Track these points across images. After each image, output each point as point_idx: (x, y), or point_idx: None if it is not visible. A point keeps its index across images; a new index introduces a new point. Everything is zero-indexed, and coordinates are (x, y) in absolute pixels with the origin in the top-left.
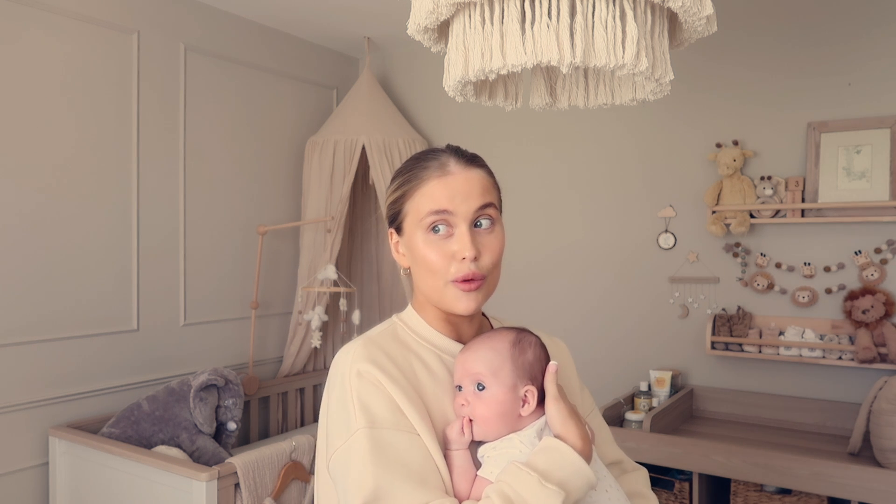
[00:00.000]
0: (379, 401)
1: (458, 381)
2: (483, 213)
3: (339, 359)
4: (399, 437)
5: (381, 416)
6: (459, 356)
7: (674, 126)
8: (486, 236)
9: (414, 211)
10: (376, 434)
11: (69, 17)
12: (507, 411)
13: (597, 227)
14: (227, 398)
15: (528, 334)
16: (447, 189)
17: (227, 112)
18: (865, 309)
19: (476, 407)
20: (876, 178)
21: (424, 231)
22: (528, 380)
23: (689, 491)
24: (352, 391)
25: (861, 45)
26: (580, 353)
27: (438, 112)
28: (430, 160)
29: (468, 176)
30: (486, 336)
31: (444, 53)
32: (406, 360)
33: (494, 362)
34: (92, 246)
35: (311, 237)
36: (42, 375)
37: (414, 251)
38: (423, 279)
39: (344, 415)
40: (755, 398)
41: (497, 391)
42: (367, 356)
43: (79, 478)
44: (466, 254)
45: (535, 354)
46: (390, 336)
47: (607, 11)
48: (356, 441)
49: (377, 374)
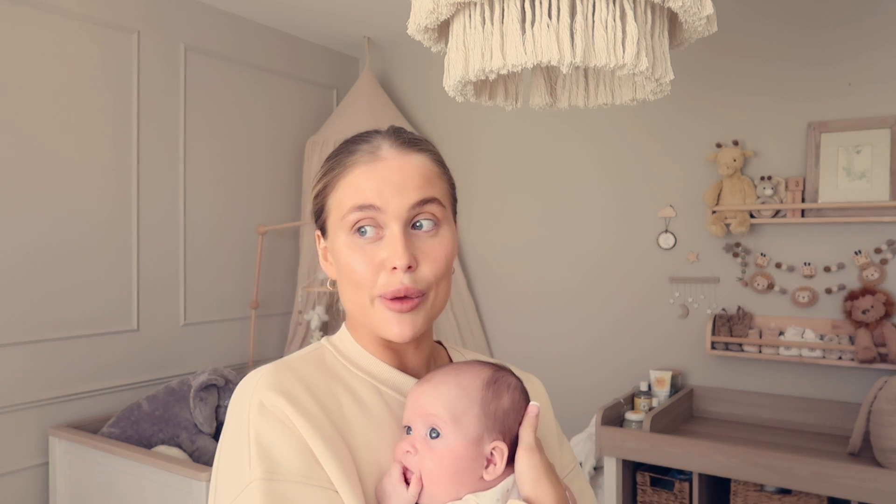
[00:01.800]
0: (284, 443)
1: (408, 420)
2: (422, 210)
3: (242, 387)
4: (308, 493)
5: (286, 463)
6: (414, 389)
7: (674, 126)
8: (426, 241)
9: (336, 206)
10: (276, 489)
11: (69, 17)
12: (463, 470)
13: (597, 227)
14: (227, 398)
15: (507, 374)
16: (375, 178)
17: (227, 112)
18: (865, 309)
19: (424, 459)
20: (876, 178)
21: (348, 232)
22: (497, 433)
23: (689, 491)
24: (249, 429)
25: (861, 45)
26: (580, 354)
27: (438, 112)
28: (360, 143)
29: (404, 163)
30: (453, 368)
31: (444, 53)
32: (330, 392)
33: (458, 404)
34: (92, 246)
35: (311, 237)
36: (42, 375)
37: (338, 258)
38: (347, 294)
39: (237, 461)
40: (755, 398)
41: (455, 442)
42: (275, 384)
43: (79, 478)
44: (397, 262)
45: (513, 402)
46: (313, 361)
47: (607, 11)
48: (247, 498)
49: (285, 407)
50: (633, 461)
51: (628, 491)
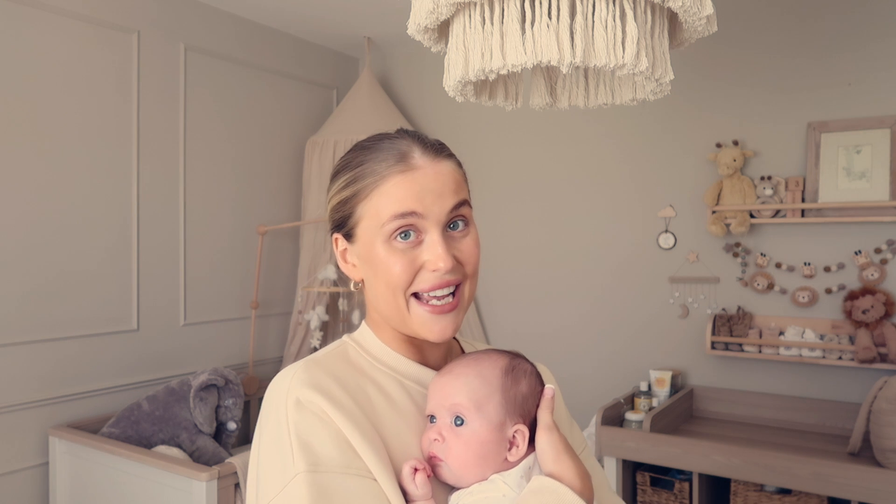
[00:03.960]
0: (324, 437)
1: (432, 410)
2: (458, 213)
3: (276, 384)
4: (350, 482)
5: (327, 456)
6: (436, 380)
7: (674, 126)
8: (461, 241)
9: (371, 215)
10: (320, 479)
11: (69, 17)
12: (488, 454)
13: (597, 227)
14: (227, 398)
15: (522, 361)
16: (415, 186)
17: (227, 112)
18: (865, 309)
19: (452, 445)
20: (876, 178)
21: (386, 239)
22: (518, 417)
23: (689, 491)
24: (289, 425)
25: (861, 45)
26: (580, 353)
27: (438, 112)
28: (387, 150)
29: (438, 170)
30: (471, 358)
31: (444, 53)
32: (358, 386)
33: (480, 392)
34: (92, 246)
35: (311, 237)
36: (42, 375)
37: (373, 263)
38: (382, 297)
39: (278, 456)
40: (755, 398)
41: (480, 428)
42: (309, 381)
43: (79, 478)
44: (441, 264)
45: (530, 387)
46: (339, 358)
47: (607, 11)
48: (295, 489)
49: (322, 402)
50: (633, 461)
51: (628, 491)
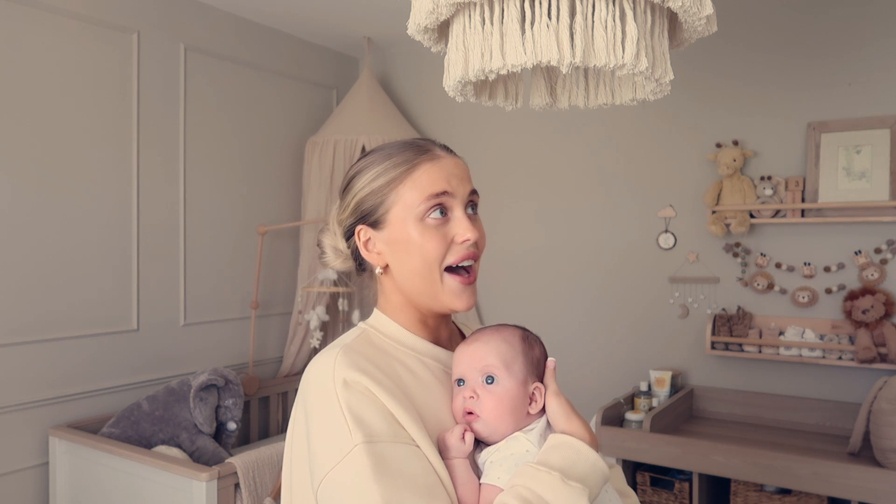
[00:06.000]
0: (372, 412)
1: (461, 374)
2: (473, 198)
3: (317, 369)
4: (400, 450)
5: (378, 428)
6: (462, 348)
7: (674, 126)
8: (476, 221)
9: (406, 198)
10: (377, 449)
11: (69, 17)
12: (517, 407)
13: (597, 227)
14: (227, 398)
15: (530, 331)
16: (444, 171)
17: (227, 112)
18: (865, 309)
19: (485, 401)
20: (876, 178)
21: (419, 219)
22: (535, 377)
23: (689, 491)
24: (340, 403)
25: (861, 45)
26: (580, 353)
27: (438, 112)
28: (409, 146)
29: (456, 161)
30: (493, 329)
31: (444, 53)
32: (390, 366)
33: (508, 354)
34: (92, 245)
35: (311, 237)
36: (42, 375)
37: (406, 243)
38: (418, 273)
39: (334, 431)
40: (755, 398)
41: (510, 385)
42: (351, 363)
43: (79, 478)
44: (469, 235)
45: (541, 351)
46: (366, 343)
47: (607, 11)
48: (355, 459)
49: (366, 382)
50: (633, 461)
51: None
